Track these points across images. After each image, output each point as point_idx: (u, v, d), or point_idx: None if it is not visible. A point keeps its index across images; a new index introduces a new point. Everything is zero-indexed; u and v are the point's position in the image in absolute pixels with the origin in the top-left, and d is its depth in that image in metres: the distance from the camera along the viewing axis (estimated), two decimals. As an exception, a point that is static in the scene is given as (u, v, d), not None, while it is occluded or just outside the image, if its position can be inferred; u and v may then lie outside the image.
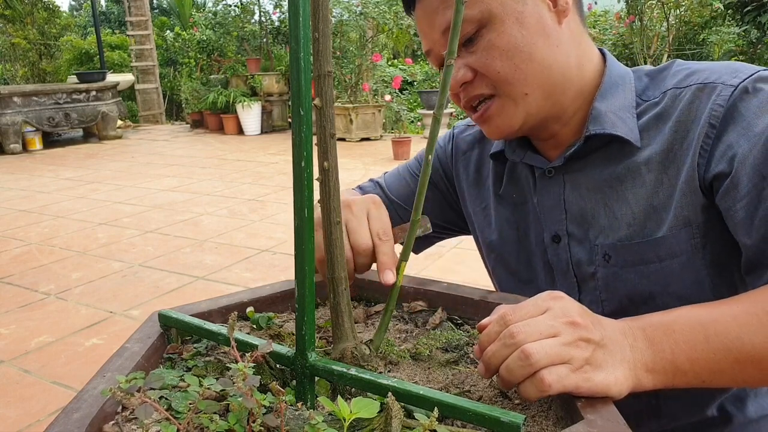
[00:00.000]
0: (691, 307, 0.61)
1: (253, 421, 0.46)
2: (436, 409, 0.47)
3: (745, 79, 0.69)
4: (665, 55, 7.37)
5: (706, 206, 0.71)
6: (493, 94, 0.76)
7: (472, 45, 0.74)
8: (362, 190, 1.05)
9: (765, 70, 0.71)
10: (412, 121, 8.96)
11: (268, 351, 0.53)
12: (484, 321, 0.60)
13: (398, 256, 0.71)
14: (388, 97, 8.07)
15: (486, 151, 0.94)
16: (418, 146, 6.81)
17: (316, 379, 0.56)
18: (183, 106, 10.24)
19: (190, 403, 0.48)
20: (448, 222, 1.04)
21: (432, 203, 1.01)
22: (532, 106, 0.76)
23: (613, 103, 0.77)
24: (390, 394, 0.49)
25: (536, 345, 0.52)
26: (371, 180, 1.08)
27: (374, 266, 0.71)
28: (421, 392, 0.49)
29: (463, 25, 0.72)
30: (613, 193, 0.77)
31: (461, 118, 4.76)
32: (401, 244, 0.69)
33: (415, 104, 9.70)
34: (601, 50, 0.82)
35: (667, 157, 0.73)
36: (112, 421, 0.51)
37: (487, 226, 0.93)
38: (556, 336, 0.53)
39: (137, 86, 10.74)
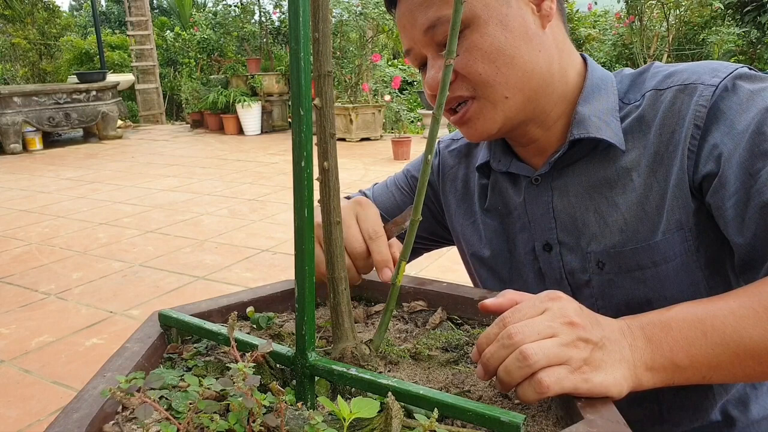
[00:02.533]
0: (688, 303, 0.61)
1: (253, 421, 0.46)
2: (435, 409, 0.47)
3: (725, 77, 0.69)
4: (665, 55, 7.37)
5: (698, 208, 0.71)
6: (472, 96, 0.75)
7: None
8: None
9: (743, 67, 0.71)
10: (412, 121, 8.96)
11: (268, 351, 0.53)
12: (489, 300, 0.60)
13: (396, 249, 0.72)
14: (387, 97, 8.07)
15: (472, 165, 0.93)
16: (417, 146, 6.81)
17: (316, 379, 0.56)
18: (183, 106, 10.24)
19: (190, 403, 0.48)
20: (435, 235, 1.04)
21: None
22: (511, 110, 0.75)
23: (596, 106, 0.76)
24: (390, 394, 0.49)
25: (534, 346, 0.52)
26: (360, 191, 1.07)
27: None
28: (421, 392, 0.49)
29: (446, 26, 0.71)
30: (602, 199, 0.76)
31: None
32: (399, 238, 0.69)
33: (414, 104, 9.70)
34: (582, 55, 0.82)
35: (655, 161, 0.73)
36: (112, 421, 0.51)
37: (478, 240, 0.92)
38: (555, 336, 0.53)
39: (137, 86, 10.74)
